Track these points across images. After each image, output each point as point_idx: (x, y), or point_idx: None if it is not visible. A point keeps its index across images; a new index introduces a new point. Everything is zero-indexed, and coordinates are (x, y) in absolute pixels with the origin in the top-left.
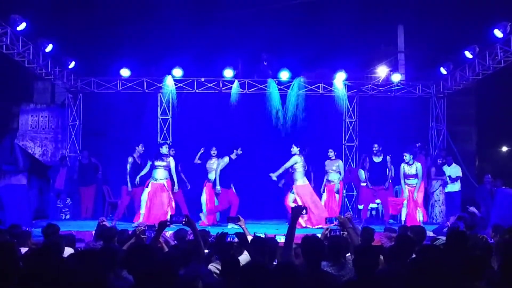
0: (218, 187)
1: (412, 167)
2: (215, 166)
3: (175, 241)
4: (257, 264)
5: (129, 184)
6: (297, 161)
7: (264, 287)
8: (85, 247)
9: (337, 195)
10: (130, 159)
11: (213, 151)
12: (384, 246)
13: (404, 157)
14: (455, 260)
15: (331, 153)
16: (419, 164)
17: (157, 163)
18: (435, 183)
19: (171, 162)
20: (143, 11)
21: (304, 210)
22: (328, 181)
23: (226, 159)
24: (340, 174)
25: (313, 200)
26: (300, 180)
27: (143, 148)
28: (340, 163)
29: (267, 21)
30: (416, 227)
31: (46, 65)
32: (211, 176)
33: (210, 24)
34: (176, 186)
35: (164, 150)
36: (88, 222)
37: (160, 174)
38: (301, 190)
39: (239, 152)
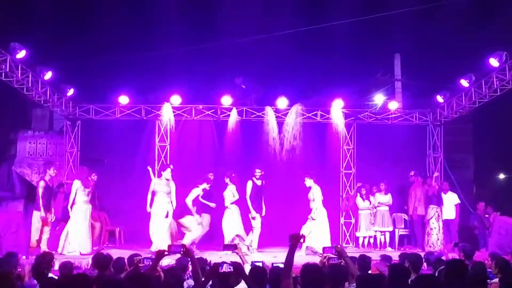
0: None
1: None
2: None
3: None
4: None
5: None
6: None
7: None
8: None
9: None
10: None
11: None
12: (384, 275)
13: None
14: None
15: (227, 180)
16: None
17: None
18: (430, 210)
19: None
20: (141, 39)
21: (302, 239)
22: (225, 207)
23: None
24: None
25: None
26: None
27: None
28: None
29: (265, 49)
30: (413, 255)
31: (44, 92)
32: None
33: (208, 52)
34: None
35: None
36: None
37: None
38: None
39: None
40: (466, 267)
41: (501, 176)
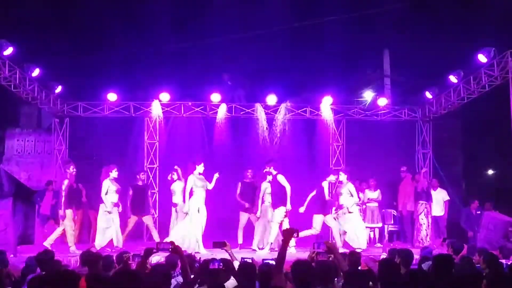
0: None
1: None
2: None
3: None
4: None
5: None
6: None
7: None
8: None
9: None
10: None
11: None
12: (373, 271)
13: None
14: (442, 285)
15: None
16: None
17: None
18: (419, 206)
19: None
20: (130, 36)
21: (295, 233)
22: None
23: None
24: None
25: None
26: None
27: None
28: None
29: (253, 46)
30: (404, 251)
31: (32, 90)
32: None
33: (197, 49)
34: None
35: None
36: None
37: None
38: None
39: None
40: (452, 261)
41: (490, 172)
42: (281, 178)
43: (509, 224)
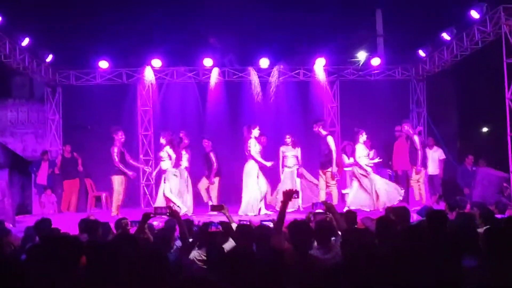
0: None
1: None
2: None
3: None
4: (241, 249)
5: None
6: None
7: (249, 272)
8: None
9: (298, 179)
10: None
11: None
12: (370, 229)
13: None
14: (436, 240)
15: (289, 139)
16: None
17: None
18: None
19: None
20: (120, 2)
21: (295, 194)
22: (286, 166)
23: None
24: (297, 160)
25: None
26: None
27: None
28: (298, 150)
29: (245, 8)
30: (399, 208)
31: (23, 59)
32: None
33: (188, 14)
34: None
35: None
36: (72, 216)
37: None
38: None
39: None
40: (445, 216)
41: (485, 129)
42: (330, 140)
43: (503, 179)
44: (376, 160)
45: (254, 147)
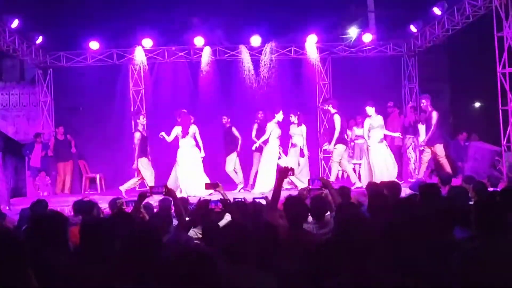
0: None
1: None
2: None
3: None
4: (236, 223)
5: None
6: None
7: (244, 246)
8: None
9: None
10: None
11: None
12: (363, 204)
13: None
14: (429, 212)
15: (293, 118)
16: None
17: None
18: (407, 140)
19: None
20: None
21: (290, 172)
22: (293, 144)
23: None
24: (303, 138)
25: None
26: None
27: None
28: (304, 128)
29: None
30: (390, 183)
31: (13, 41)
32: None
33: None
34: None
35: None
36: (67, 197)
37: None
38: None
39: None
40: (438, 189)
41: (477, 104)
42: (337, 118)
43: (495, 153)
44: (397, 134)
45: (270, 129)
